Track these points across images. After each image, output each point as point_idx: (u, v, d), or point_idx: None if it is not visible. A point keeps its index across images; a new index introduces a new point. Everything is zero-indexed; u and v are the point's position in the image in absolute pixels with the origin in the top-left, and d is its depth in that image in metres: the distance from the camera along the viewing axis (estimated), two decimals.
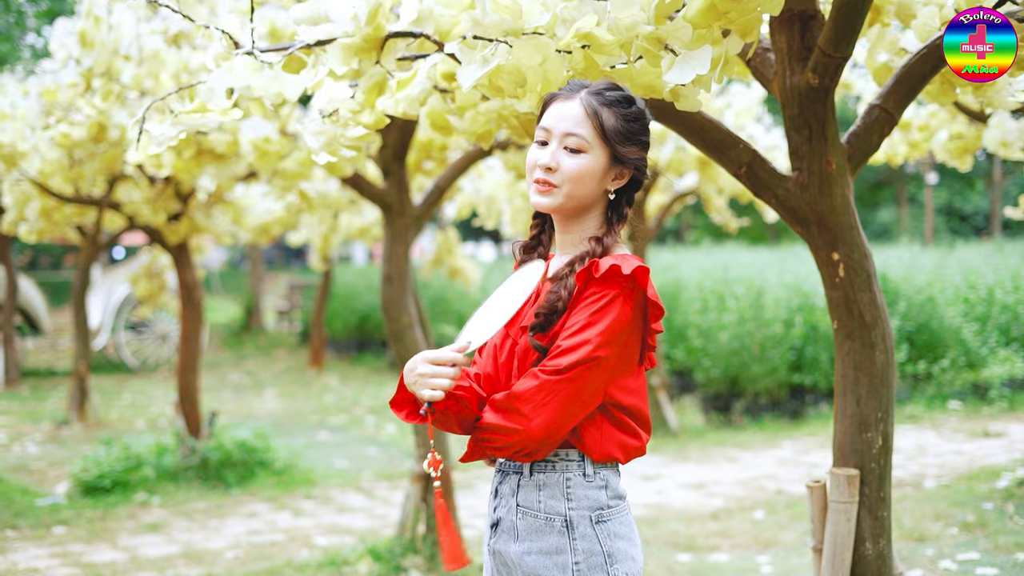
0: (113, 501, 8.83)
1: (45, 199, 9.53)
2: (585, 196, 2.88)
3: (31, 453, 11.34)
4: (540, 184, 2.87)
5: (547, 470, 2.85)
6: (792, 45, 3.78)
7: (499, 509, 2.93)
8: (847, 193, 3.86)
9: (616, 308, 2.75)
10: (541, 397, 2.71)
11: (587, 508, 2.83)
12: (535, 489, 2.85)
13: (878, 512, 3.86)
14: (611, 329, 2.74)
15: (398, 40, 3.65)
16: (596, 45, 3.16)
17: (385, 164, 6.75)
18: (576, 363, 2.71)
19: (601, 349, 2.73)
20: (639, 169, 2.94)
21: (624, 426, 2.86)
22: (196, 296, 9.55)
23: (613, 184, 2.91)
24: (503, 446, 2.78)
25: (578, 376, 2.71)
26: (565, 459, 2.84)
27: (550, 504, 2.83)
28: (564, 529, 2.81)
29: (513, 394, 2.74)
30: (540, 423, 2.71)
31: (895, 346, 12.00)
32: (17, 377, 16.77)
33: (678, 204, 11.95)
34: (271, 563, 7.11)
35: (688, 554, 7.14)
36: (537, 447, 2.76)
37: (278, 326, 26.00)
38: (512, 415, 2.73)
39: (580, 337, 2.73)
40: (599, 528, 2.83)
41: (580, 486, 2.84)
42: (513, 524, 2.88)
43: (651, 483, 9.37)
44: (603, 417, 2.84)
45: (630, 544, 2.88)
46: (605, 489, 2.86)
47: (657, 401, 11.53)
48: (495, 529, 2.93)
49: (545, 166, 2.86)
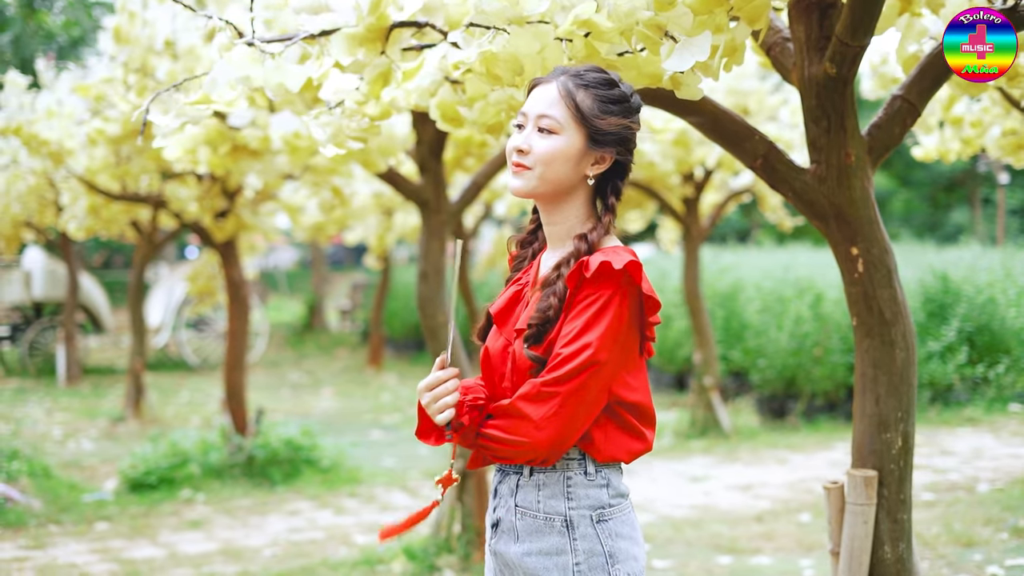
0: (158, 498, 8.87)
1: (93, 196, 9.59)
2: (560, 180, 2.78)
3: (85, 449, 11.44)
4: (514, 167, 2.80)
5: (547, 470, 2.78)
6: (810, 34, 3.68)
7: (499, 509, 2.87)
8: (867, 186, 3.75)
9: (613, 308, 2.67)
10: (547, 408, 2.64)
11: (588, 507, 2.76)
12: (534, 489, 2.78)
13: (897, 515, 3.75)
14: (610, 330, 2.66)
15: (403, 30, 3.60)
16: (596, 32, 3.09)
17: (422, 160, 6.71)
18: (578, 370, 2.63)
19: (602, 352, 2.65)
20: (621, 154, 2.83)
21: (630, 428, 2.78)
22: (243, 294, 9.56)
23: (593, 169, 2.81)
24: (510, 456, 2.73)
25: (582, 383, 2.64)
26: (566, 458, 2.77)
27: (550, 504, 2.76)
28: (564, 529, 2.74)
29: (517, 406, 2.67)
30: (549, 434, 2.65)
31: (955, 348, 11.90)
32: (78, 374, 16.94)
33: (732, 203, 11.80)
34: (307, 561, 7.09)
35: (729, 556, 7.03)
36: (547, 456, 2.71)
37: (340, 325, 26.08)
38: (519, 427, 2.67)
39: (580, 342, 2.65)
40: (600, 528, 2.76)
41: (581, 485, 2.76)
42: (513, 524, 2.81)
43: (698, 484, 9.24)
44: (609, 420, 2.76)
45: (632, 543, 2.81)
46: (607, 488, 2.79)
47: (710, 402, 11.39)
48: (495, 529, 2.87)
49: (517, 148, 2.79)
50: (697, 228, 11.49)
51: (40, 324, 18.13)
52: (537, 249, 2.99)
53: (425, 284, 6.63)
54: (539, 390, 2.65)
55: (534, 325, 2.73)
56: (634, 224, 13.25)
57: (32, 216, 12.59)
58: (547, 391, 2.64)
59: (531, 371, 2.73)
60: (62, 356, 16.84)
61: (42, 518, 8.20)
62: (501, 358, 2.85)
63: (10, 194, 11.90)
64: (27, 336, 17.97)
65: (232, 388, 9.60)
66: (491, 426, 2.73)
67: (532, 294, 2.85)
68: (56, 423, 13.24)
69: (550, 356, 2.70)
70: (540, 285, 2.81)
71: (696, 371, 11.54)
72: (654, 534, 7.55)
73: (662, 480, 9.46)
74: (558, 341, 2.68)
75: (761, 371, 12.39)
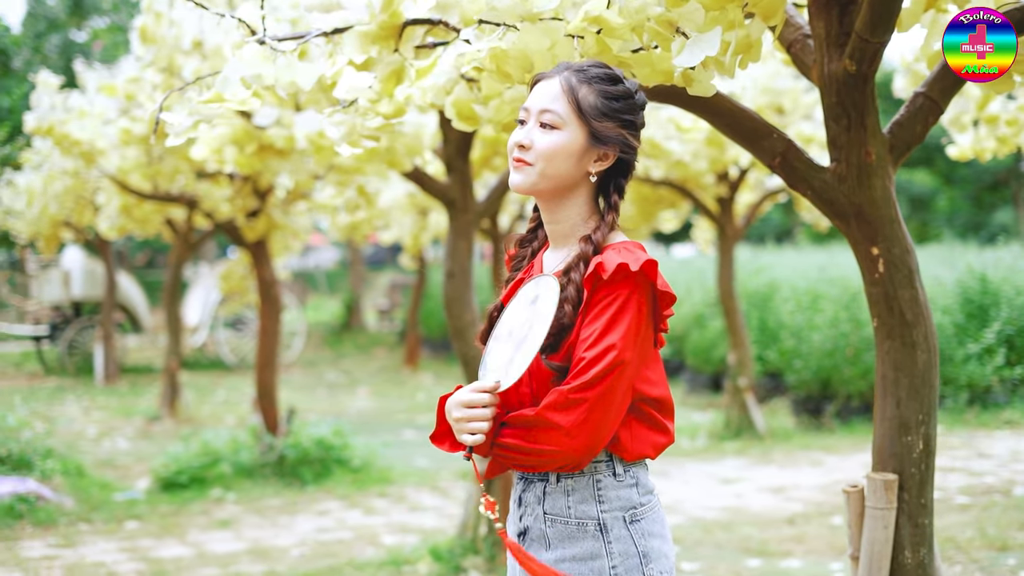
0: (189, 497, 8.89)
1: (125, 196, 9.63)
2: (562, 176, 2.73)
3: (120, 448, 11.50)
4: (515, 163, 2.76)
5: (575, 475, 2.73)
6: (830, 30, 3.62)
7: (525, 518, 2.80)
8: (888, 185, 3.68)
9: (632, 308, 2.62)
10: (576, 415, 2.57)
11: (620, 509, 2.71)
12: (563, 495, 2.73)
13: (919, 519, 3.67)
14: (632, 329, 2.61)
15: (416, 27, 3.57)
16: (607, 29, 3.05)
17: (448, 160, 6.68)
18: (605, 372, 2.58)
19: (626, 352, 2.60)
20: (625, 151, 2.77)
21: (654, 423, 2.74)
22: (274, 293, 9.57)
23: (595, 166, 2.76)
24: (537, 464, 2.67)
25: (609, 386, 2.58)
26: (593, 461, 2.72)
27: (581, 509, 2.71)
28: (598, 533, 2.70)
29: (545, 416, 2.60)
30: (583, 441, 2.59)
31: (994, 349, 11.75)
32: (116, 373, 17.04)
33: (768, 202, 11.71)
34: (334, 561, 7.08)
35: (759, 559, 6.96)
36: (579, 462, 2.65)
37: (379, 325, 26.12)
38: (550, 437, 2.60)
39: (603, 344, 2.59)
40: (633, 528, 2.71)
41: (611, 487, 2.72)
42: (543, 532, 2.76)
43: (730, 486, 9.17)
44: (634, 417, 2.72)
45: (663, 541, 2.77)
46: (636, 487, 2.75)
47: (744, 403, 11.31)
48: (522, 539, 2.80)
49: (519, 143, 2.74)
50: (732, 228, 11.41)
51: (79, 323, 18.27)
52: (537, 248, 2.94)
53: (451, 284, 6.60)
54: (567, 398, 2.58)
55: (551, 335, 2.67)
56: (668, 224, 13.17)
57: (70, 216, 12.66)
58: (575, 398, 2.58)
59: (553, 379, 2.67)
60: (100, 355, 16.95)
61: (72, 517, 8.23)
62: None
63: (47, 194, 11.99)
64: (66, 335, 18.11)
65: (263, 387, 9.61)
66: (512, 436, 2.67)
67: None
68: (92, 422, 13.33)
69: (571, 362, 2.65)
70: None
71: (730, 372, 11.46)
72: (683, 536, 7.49)
73: (694, 482, 9.40)
74: (579, 345, 2.63)
75: (797, 372, 12.29)
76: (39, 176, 12.14)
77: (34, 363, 19.54)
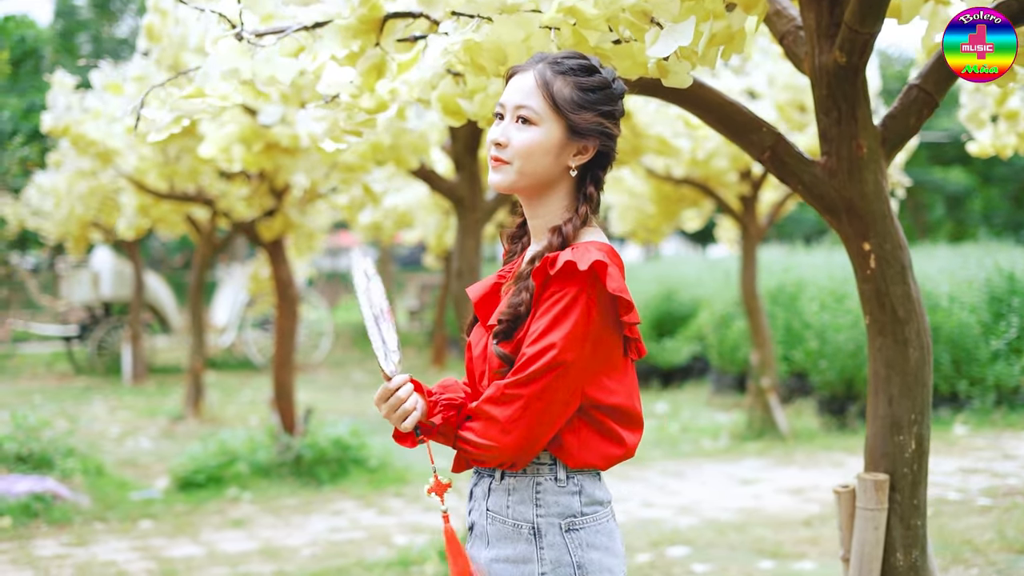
0: (205, 496, 8.89)
1: (142, 195, 9.65)
2: (541, 173, 2.67)
3: (142, 448, 11.53)
4: (492, 161, 2.70)
5: (517, 474, 2.67)
6: (820, 21, 3.56)
7: (473, 512, 2.77)
8: (880, 179, 3.61)
9: (579, 307, 2.55)
10: (511, 411, 2.54)
11: (557, 515, 2.64)
12: (504, 494, 2.68)
13: (911, 520, 3.60)
14: (576, 330, 2.54)
15: (398, 21, 3.53)
16: (581, 19, 3.00)
17: (457, 157, 6.66)
18: (542, 371, 2.52)
19: (567, 353, 2.53)
20: (605, 143, 2.71)
21: (607, 432, 2.66)
22: (291, 293, 9.57)
23: (575, 160, 2.69)
24: (481, 459, 2.64)
25: (547, 384, 2.53)
26: (536, 463, 2.66)
27: (518, 510, 2.66)
28: (532, 537, 2.64)
29: (483, 408, 2.58)
30: (515, 438, 2.55)
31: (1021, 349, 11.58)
32: (144, 373, 17.12)
33: (791, 201, 11.60)
34: (343, 561, 7.05)
35: (772, 561, 6.87)
36: (515, 460, 2.60)
37: (410, 325, 26.11)
38: (487, 430, 2.57)
39: (543, 343, 2.53)
40: (569, 537, 2.64)
41: (550, 491, 2.65)
42: (484, 529, 2.71)
43: (748, 487, 9.08)
44: (583, 423, 2.65)
45: (606, 554, 2.68)
46: (579, 495, 2.67)
47: (767, 404, 11.21)
48: (470, 533, 2.78)
49: (495, 141, 2.68)
50: (755, 227, 11.31)
51: (108, 323, 18.36)
52: (527, 243, 2.88)
53: (460, 282, 6.57)
54: (503, 392, 2.55)
55: (504, 321, 2.62)
56: (691, 223, 13.07)
57: (98, 216, 12.72)
58: (511, 393, 2.54)
59: (499, 371, 2.62)
60: (127, 355, 17.01)
61: (88, 516, 8.25)
62: (481, 356, 2.76)
63: (71, 194, 12.04)
64: (95, 335, 18.20)
65: (281, 387, 9.61)
66: (467, 428, 2.64)
67: (506, 288, 2.74)
68: (117, 421, 13.38)
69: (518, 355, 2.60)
70: (513, 279, 2.71)
71: (753, 372, 11.37)
72: (695, 537, 7.42)
73: (712, 483, 9.31)
74: (525, 340, 2.58)
75: (821, 372, 12.16)
76: (63, 177, 12.21)
77: (65, 363, 19.65)
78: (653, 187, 11.56)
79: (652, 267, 21.18)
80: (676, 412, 13.44)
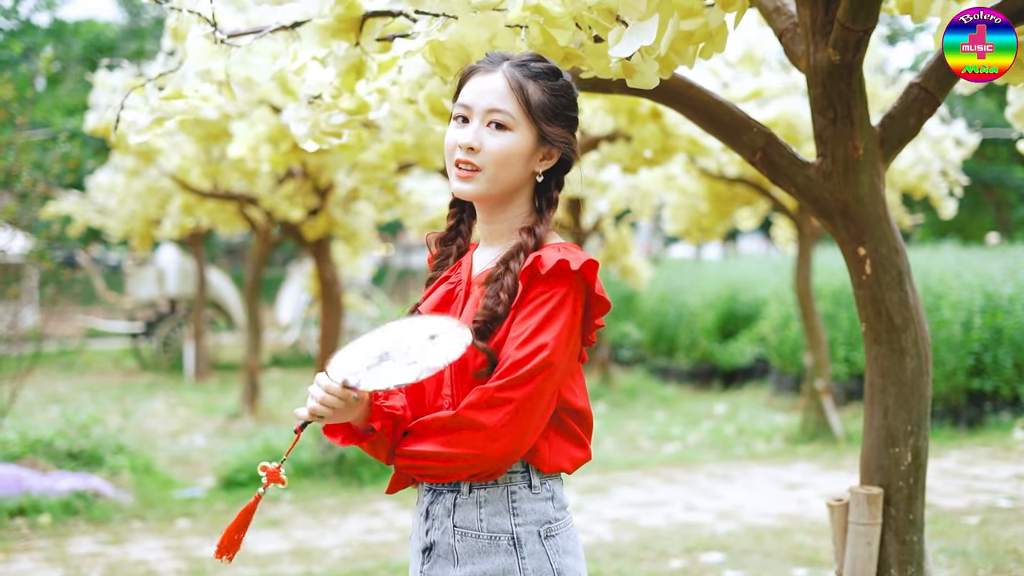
0: (246, 495, 8.88)
1: (186, 195, 9.68)
2: (512, 180, 2.59)
3: (196, 445, 11.60)
4: (461, 167, 2.58)
5: (488, 485, 2.57)
6: (815, 18, 3.43)
7: (432, 532, 2.62)
8: (876, 181, 3.47)
9: (568, 308, 2.48)
10: (502, 416, 2.44)
11: (535, 523, 2.57)
12: (475, 507, 2.57)
13: (906, 536, 3.46)
14: (565, 332, 2.48)
15: (376, 20, 3.45)
16: (547, 18, 2.90)
17: None
18: (535, 372, 2.44)
19: (557, 353, 2.46)
20: (569, 148, 2.63)
21: (574, 436, 2.61)
22: (335, 292, 9.55)
23: (541, 165, 2.62)
24: (450, 472, 2.52)
25: (537, 387, 2.45)
26: (509, 471, 2.57)
27: (494, 521, 2.56)
28: (511, 548, 2.55)
29: (466, 416, 2.45)
30: (504, 444, 2.46)
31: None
32: (207, 370, 17.24)
33: None
34: (372, 563, 7.00)
35: (805, 569, 6.71)
36: (498, 468, 2.51)
37: None
38: (470, 439, 2.46)
39: (535, 343, 2.45)
40: (548, 543, 2.57)
41: (527, 499, 2.57)
42: (451, 547, 2.59)
43: (794, 492, 8.90)
44: (554, 428, 2.58)
45: (576, 559, 2.63)
46: (552, 500, 2.60)
47: (821, 406, 11.00)
48: (428, 554, 2.63)
49: (467, 145, 2.56)
50: (810, 227, 11.13)
51: (173, 320, 18.52)
52: (464, 247, 2.79)
53: None
54: (492, 396, 2.44)
55: (480, 322, 2.52)
56: (746, 222, 12.87)
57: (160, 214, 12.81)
58: (501, 397, 2.44)
59: (480, 372, 2.52)
60: (190, 352, 17.15)
61: (127, 514, 8.28)
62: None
63: (129, 191, 12.14)
64: (160, 332, 18.37)
65: None
66: (426, 440, 2.51)
67: (476, 291, 2.64)
68: (175, 418, 13.48)
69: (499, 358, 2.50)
70: (484, 281, 2.60)
71: (807, 374, 11.17)
72: (732, 543, 7.27)
73: (759, 487, 9.14)
74: (508, 343, 2.49)
75: None
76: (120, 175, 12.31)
77: (132, 360, 19.86)
78: (706, 186, 11.39)
79: (715, 267, 20.89)
80: (734, 414, 13.26)
